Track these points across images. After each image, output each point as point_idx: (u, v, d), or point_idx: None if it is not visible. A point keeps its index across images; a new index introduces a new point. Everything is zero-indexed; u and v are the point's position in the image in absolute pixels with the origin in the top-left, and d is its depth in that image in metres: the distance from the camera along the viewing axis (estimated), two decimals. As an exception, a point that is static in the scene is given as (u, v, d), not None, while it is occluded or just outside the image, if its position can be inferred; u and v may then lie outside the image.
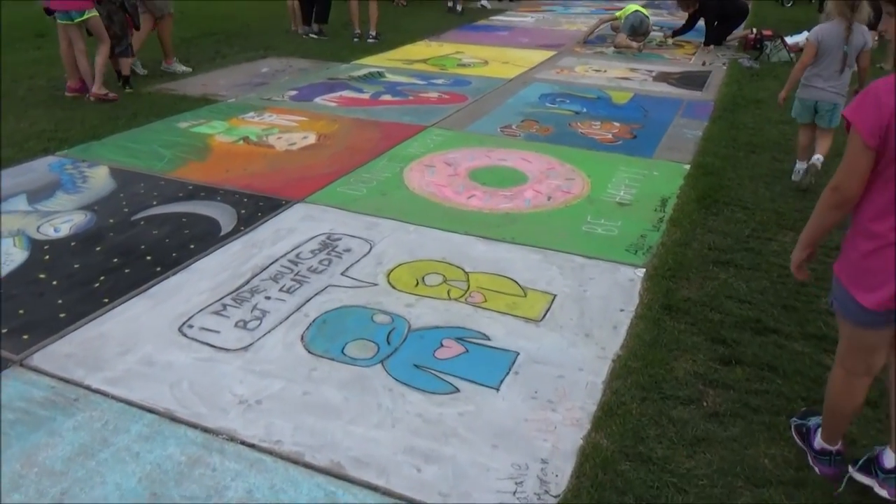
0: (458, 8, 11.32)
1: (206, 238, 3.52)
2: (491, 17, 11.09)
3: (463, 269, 3.24)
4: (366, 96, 6.31)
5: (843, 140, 1.81)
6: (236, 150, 4.86)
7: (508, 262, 3.31)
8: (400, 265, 3.28)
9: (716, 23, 8.52)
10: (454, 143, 5.03)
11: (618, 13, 8.97)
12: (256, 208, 3.87)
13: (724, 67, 7.58)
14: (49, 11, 6.08)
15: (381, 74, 7.10)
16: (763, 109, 5.92)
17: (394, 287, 3.09)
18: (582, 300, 3.01)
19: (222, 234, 3.58)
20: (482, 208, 3.92)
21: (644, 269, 3.25)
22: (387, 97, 6.28)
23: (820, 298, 2.98)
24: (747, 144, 5.02)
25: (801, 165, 4.39)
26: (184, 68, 7.15)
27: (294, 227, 3.65)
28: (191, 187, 4.15)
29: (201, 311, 2.89)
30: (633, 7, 8.70)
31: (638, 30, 8.53)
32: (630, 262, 3.34)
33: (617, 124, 5.52)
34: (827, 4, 4.36)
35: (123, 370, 2.51)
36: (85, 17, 5.82)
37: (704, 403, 2.37)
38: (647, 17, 8.67)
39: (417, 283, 3.12)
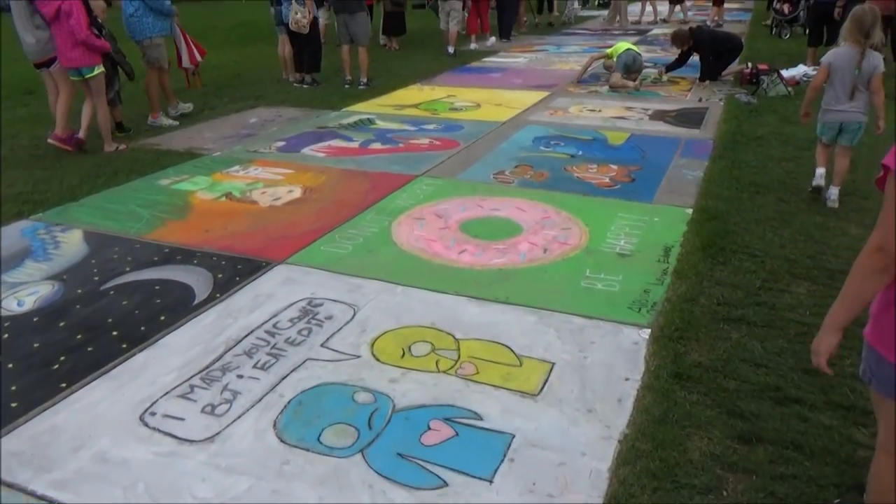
0: (451, 50, 11.29)
1: (178, 308, 3.29)
2: (483, 59, 11.03)
3: (453, 336, 3.00)
4: (355, 145, 6.15)
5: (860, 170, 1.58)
6: (218, 207, 4.66)
7: (502, 326, 3.07)
8: (385, 333, 3.04)
9: (710, 58, 8.42)
10: (445, 192, 4.83)
11: (608, 51, 8.91)
12: (234, 272, 3.65)
13: (721, 103, 7.42)
14: (39, 65, 5.99)
15: (371, 121, 6.96)
16: (764, 146, 5.73)
17: (378, 359, 2.84)
18: (582, 368, 2.75)
19: (196, 302, 3.34)
20: (474, 265, 3.69)
21: (649, 330, 2.99)
22: (376, 145, 6.11)
23: (844, 359, 2.71)
24: (751, 185, 4.81)
25: (821, 171, 4.42)
26: (170, 122, 7.02)
27: (273, 292, 3.42)
28: (167, 250, 3.94)
29: (166, 394, 2.64)
30: (624, 45, 8.63)
31: (631, 67, 8.44)
32: (633, 321, 3.09)
33: (614, 167, 5.32)
34: (841, 31, 4.37)
35: (74, 470, 2.26)
36: (94, 73, 5.84)
37: (724, 492, 2.11)
38: (639, 54, 8.59)
39: (403, 354, 2.87)
